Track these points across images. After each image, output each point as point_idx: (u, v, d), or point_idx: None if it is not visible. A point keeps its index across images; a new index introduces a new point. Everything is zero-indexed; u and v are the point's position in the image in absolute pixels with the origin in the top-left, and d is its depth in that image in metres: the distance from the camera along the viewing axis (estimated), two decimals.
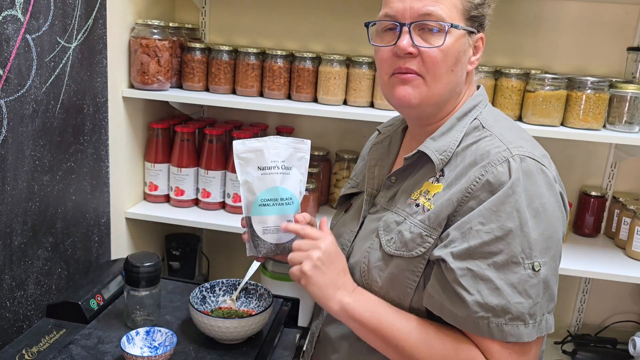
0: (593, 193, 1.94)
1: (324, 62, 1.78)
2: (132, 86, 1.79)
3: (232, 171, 1.90)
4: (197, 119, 2.13)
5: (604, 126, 1.70)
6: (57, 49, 1.38)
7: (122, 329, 1.31)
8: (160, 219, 1.87)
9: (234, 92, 1.87)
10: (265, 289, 1.35)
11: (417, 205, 1.01)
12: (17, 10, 1.22)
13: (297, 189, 1.13)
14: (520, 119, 1.74)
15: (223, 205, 1.96)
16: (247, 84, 1.83)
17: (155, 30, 1.75)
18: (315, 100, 1.83)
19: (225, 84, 1.85)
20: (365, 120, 1.71)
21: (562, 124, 1.70)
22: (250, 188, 1.10)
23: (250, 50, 1.81)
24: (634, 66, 1.84)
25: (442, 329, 0.96)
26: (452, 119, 1.04)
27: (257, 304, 1.35)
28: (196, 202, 1.98)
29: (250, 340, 1.29)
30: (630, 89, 1.65)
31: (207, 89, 1.89)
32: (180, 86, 1.90)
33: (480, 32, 1.03)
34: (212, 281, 1.36)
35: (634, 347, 1.76)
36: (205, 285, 1.34)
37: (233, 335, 1.23)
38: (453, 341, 0.94)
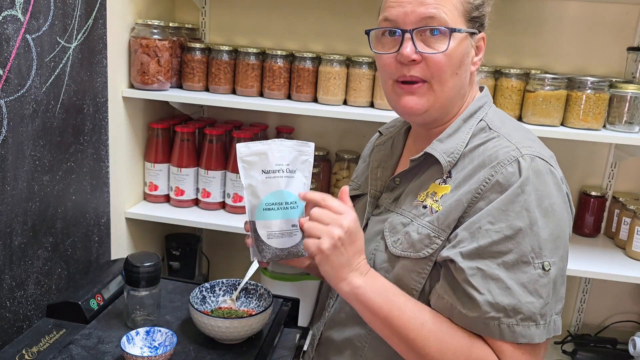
0: (593, 193, 1.94)
1: (324, 62, 1.78)
2: (132, 86, 1.79)
3: (232, 171, 1.90)
4: (197, 119, 2.13)
5: (604, 126, 1.70)
6: (57, 49, 1.38)
7: (122, 329, 1.31)
8: (160, 219, 1.87)
9: (234, 92, 1.87)
10: (265, 289, 1.35)
11: (425, 207, 1.00)
12: (17, 10, 1.22)
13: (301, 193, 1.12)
14: (520, 119, 1.74)
15: (223, 205, 1.96)
16: (247, 84, 1.83)
17: (155, 30, 1.75)
18: (315, 100, 1.83)
19: (225, 84, 1.85)
20: (365, 120, 1.71)
21: (562, 124, 1.70)
22: (255, 192, 1.08)
23: (250, 50, 1.81)
24: (634, 66, 1.84)
25: (456, 326, 0.94)
26: (458, 120, 1.03)
27: (257, 304, 1.35)
28: (196, 202, 1.98)
29: (250, 340, 1.29)
30: (630, 89, 1.65)
31: (207, 89, 1.89)
32: (180, 86, 1.90)
33: (481, 32, 1.03)
34: (212, 281, 1.36)
35: (634, 347, 1.76)
36: (205, 285, 1.34)
37: (233, 335, 1.23)
38: (467, 338, 0.92)
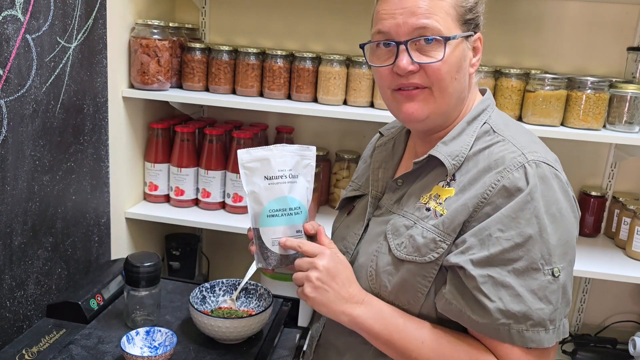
0: (593, 193, 1.94)
1: (324, 62, 1.78)
2: (132, 86, 1.79)
3: (232, 171, 1.90)
4: (197, 119, 2.13)
5: (604, 126, 1.70)
6: (57, 49, 1.38)
7: (122, 329, 1.31)
8: (160, 219, 1.87)
9: (234, 92, 1.87)
10: (265, 289, 1.35)
11: (428, 210, 0.99)
12: (17, 10, 1.22)
13: (304, 198, 1.11)
14: (520, 119, 1.74)
15: (223, 205, 1.96)
16: (247, 84, 1.83)
17: (155, 30, 1.75)
18: (315, 100, 1.83)
19: (225, 84, 1.85)
20: (365, 120, 1.71)
21: (562, 124, 1.70)
22: (257, 198, 1.07)
23: (250, 50, 1.81)
24: (634, 66, 1.84)
25: (456, 338, 0.95)
26: (462, 123, 1.02)
27: (257, 304, 1.35)
28: (196, 202, 1.98)
29: (250, 340, 1.29)
30: (630, 89, 1.65)
31: (207, 89, 1.89)
32: (180, 86, 1.90)
33: (477, 32, 1.01)
34: (212, 281, 1.36)
35: (634, 347, 1.76)
36: (205, 285, 1.34)
37: (233, 335, 1.23)
38: (468, 351, 0.93)
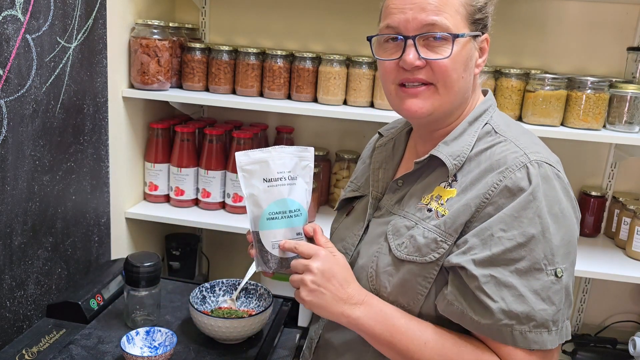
0: (593, 193, 1.94)
1: (324, 62, 1.78)
2: (132, 86, 1.79)
3: (232, 171, 1.90)
4: (197, 119, 2.13)
5: (604, 126, 1.70)
6: (57, 49, 1.38)
7: (122, 329, 1.31)
8: (160, 219, 1.87)
9: (234, 92, 1.87)
10: (265, 289, 1.35)
11: (430, 210, 0.99)
12: (17, 10, 1.22)
13: (304, 200, 1.10)
14: (520, 119, 1.74)
15: (223, 205, 1.96)
16: (247, 84, 1.83)
17: (155, 30, 1.75)
18: (315, 100, 1.83)
19: (225, 84, 1.85)
20: (365, 120, 1.71)
21: (562, 124, 1.70)
22: (257, 201, 1.06)
23: (250, 50, 1.81)
24: (634, 66, 1.84)
25: (460, 339, 0.94)
26: (464, 123, 1.02)
27: (257, 304, 1.35)
28: (196, 202, 1.98)
29: (250, 340, 1.29)
30: (630, 89, 1.65)
31: (207, 89, 1.89)
32: (180, 86, 1.90)
33: (484, 33, 1.01)
34: (212, 281, 1.36)
35: (634, 347, 1.76)
36: (205, 285, 1.34)
37: (233, 335, 1.23)
38: (472, 352, 0.92)
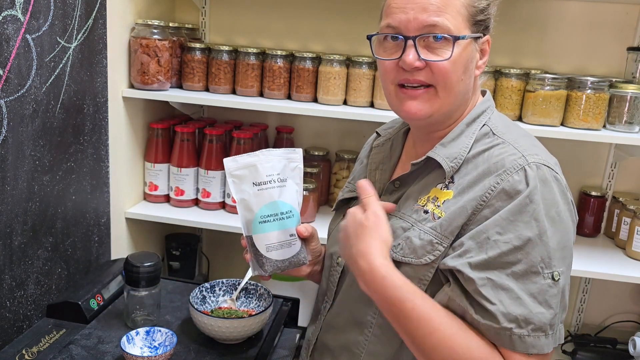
0: (593, 193, 1.94)
1: (324, 62, 1.78)
2: (132, 86, 1.79)
3: None
4: (197, 119, 2.13)
5: (604, 126, 1.70)
6: (57, 49, 1.38)
7: (122, 329, 1.31)
8: (160, 219, 1.87)
9: (234, 92, 1.87)
10: (265, 289, 1.35)
11: (426, 212, 0.98)
12: (17, 10, 1.22)
13: (295, 201, 1.10)
14: (520, 119, 1.74)
15: (223, 205, 1.96)
16: (247, 84, 1.83)
17: (155, 30, 1.75)
18: (315, 100, 1.83)
19: (225, 84, 1.85)
20: (365, 120, 1.71)
21: (562, 124, 1.70)
22: (248, 206, 1.06)
23: (250, 50, 1.81)
24: (634, 66, 1.84)
25: (470, 328, 0.91)
26: (461, 124, 1.01)
27: (257, 304, 1.35)
28: (196, 202, 1.98)
29: (250, 340, 1.29)
30: (630, 89, 1.65)
31: (207, 89, 1.89)
32: (180, 86, 1.90)
33: (486, 35, 1.01)
34: (212, 281, 1.36)
35: (634, 347, 1.76)
36: (205, 285, 1.34)
37: (233, 335, 1.23)
38: (480, 345, 0.89)
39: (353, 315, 1.06)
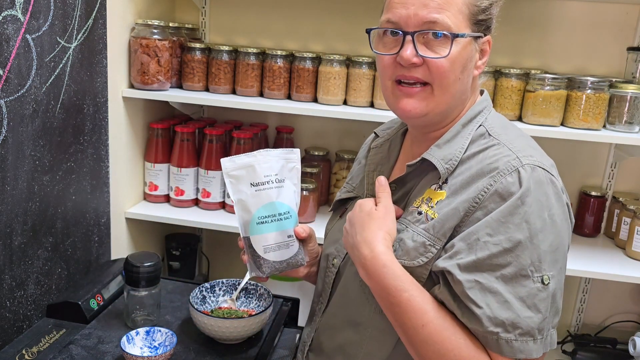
0: (593, 193, 1.94)
1: (324, 62, 1.78)
2: (132, 86, 1.79)
3: None
4: (197, 119, 2.13)
5: (604, 126, 1.70)
6: (57, 49, 1.38)
7: (122, 329, 1.31)
8: (160, 219, 1.87)
9: (234, 92, 1.87)
10: (265, 289, 1.35)
11: (420, 213, 0.97)
12: (17, 10, 1.22)
13: (292, 201, 1.09)
14: (520, 119, 1.74)
15: (223, 205, 1.96)
16: (247, 84, 1.83)
17: (155, 30, 1.75)
18: (315, 100, 1.83)
19: (225, 84, 1.85)
20: (365, 120, 1.71)
21: (562, 124, 1.70)
22: (245, 206, 1.06)
23: (250, 50, 1.81)
24: (634, 66, 1.84)
25: (460, 326, 0.91)
26: (457, 125, 1.00)
27: (257, 304, 1.35)
28: (196, 202, 1.98)
29: (250, 340, 1.29)
30: (630, 89, 1.65)
31: (207, 89, 1.89)
32: (180, 86, 1.90)
33: (487, 35, 1.00)
34: (212, 281, 1.36)
35: (634, 347, 1.76)
36: (205, 285, 1.34)
37: (233, 335, 1.23)
38: (468, 345, 0.89)
39: (348, 316, 1.05)
